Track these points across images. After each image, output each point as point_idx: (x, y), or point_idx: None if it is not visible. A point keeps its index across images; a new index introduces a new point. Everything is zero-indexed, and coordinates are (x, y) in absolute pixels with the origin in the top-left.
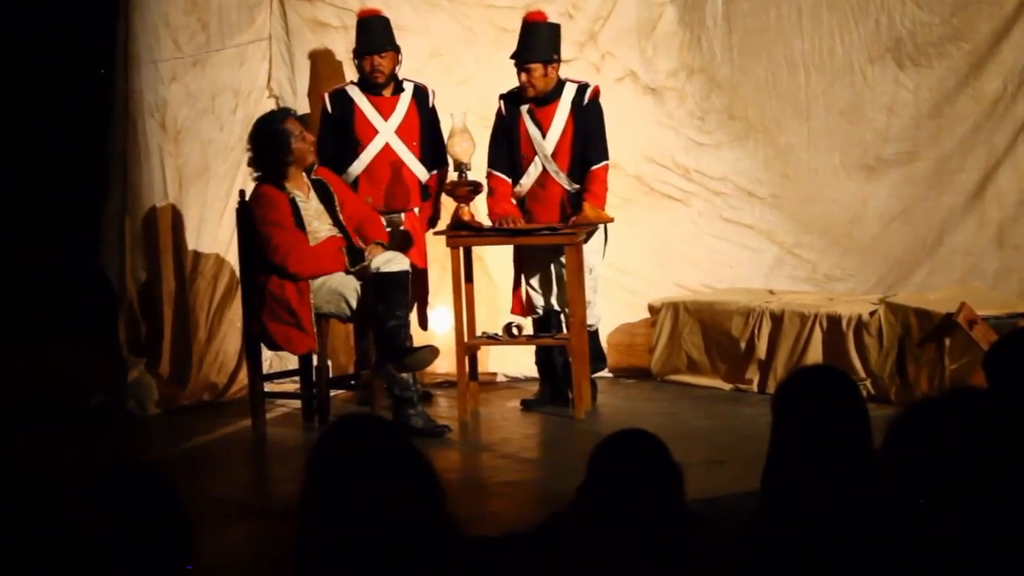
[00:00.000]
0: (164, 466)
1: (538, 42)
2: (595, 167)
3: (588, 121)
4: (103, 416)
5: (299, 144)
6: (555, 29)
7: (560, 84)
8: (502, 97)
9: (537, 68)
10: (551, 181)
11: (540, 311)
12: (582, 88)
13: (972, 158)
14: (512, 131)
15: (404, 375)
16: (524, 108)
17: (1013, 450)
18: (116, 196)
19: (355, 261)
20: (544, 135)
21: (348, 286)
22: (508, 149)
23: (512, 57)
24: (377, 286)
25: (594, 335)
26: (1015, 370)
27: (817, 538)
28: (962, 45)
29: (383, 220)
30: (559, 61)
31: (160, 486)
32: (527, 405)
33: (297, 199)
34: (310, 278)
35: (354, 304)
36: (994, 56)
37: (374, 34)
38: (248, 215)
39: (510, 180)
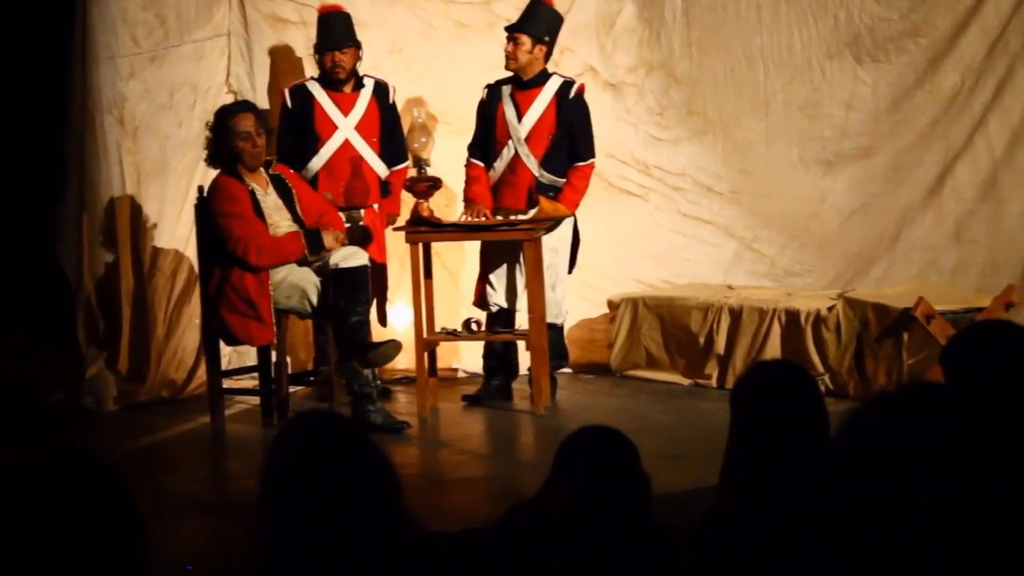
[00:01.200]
0: (122, 462)
1: (536, 18)
2: (581, 164)
3: (574, 118)
4: (61, 412)
5: (239, 144)
6: (558, 17)
7: (546, 73)
8: (487, 86)
9: (525, 41)
10: (521, 165)
11: (493, 308)
12: (568, 83)
13: (930, 153)
14: (490, 115)
15: (364, 371)
16: (506, 90)
17: (969, 444)
18: (74, 192)
19: (313, 246)
20: (520, 118)
21: (309, 281)
22: (484, 135)
23: (506, 28)
24: (337, 282)
25: (558, 332)
26: (972, 365)
27: (776, 533)
28: (920, 41)
29: (342, 216)
30: (549, 47)
31: (110, 481)
32: (470, 401)
33: (256, 192)
34: (271, 267)
35: (315, 300)
36: (952, 52)
37: (335, 30)
38: (207, 208)
39: (484, 166)
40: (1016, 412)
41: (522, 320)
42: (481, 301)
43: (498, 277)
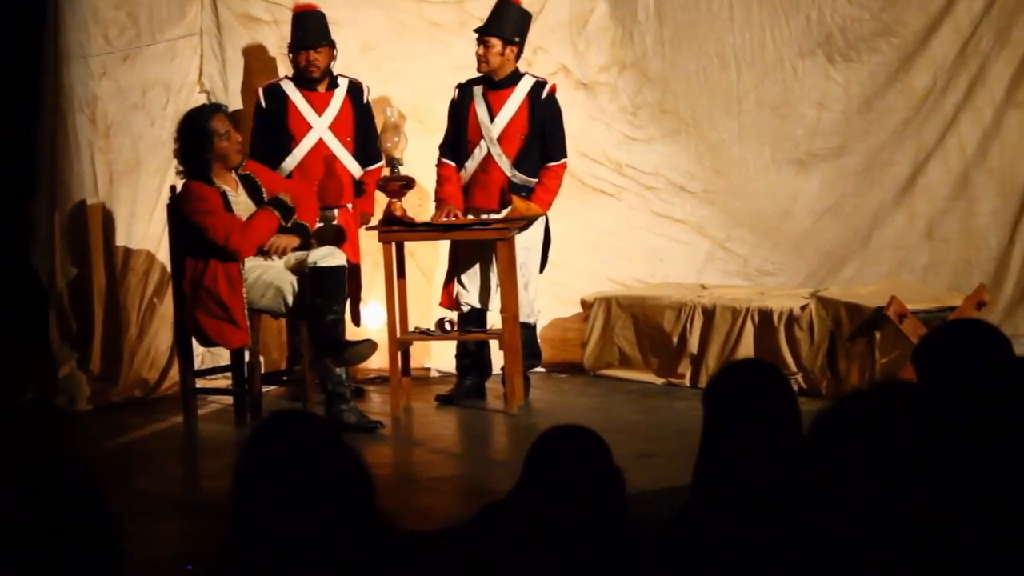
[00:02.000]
0: (95, 462)
1: (505, 19)
2: (553, 164)
3: (546, 118)
4: (34, 412)
5: (223, 143)
6: (526, 15)
7: (518, 73)
8: (458, 86)
9: (496, 44)
10: (493, 165)
11: (465, 307)
12: (540, 83)
13: (901, 152)
14: (462, 115)
15: (338, 371)
16: (478, 90)
17: (941, 443)
18: (45, 192)
19: (284, 213)
20: (493, 118)
21: (285, 280)
22: (456, 134)
23: (476, 30)
24: (315, 280)
25: (531, 331)
26: (944, 364)
27: (748, 531)
28: (892, 40)
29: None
30: (520, 47)
31: (83, 482)
32: (443, 400)
33: (228, 194)
34: (258, 249)
35: (290, 300)
36: (923, 51)
37: (309, 29)
38: (179, 213)
39: (456, 166)
40: (987, 411)
41: (494, 319)
42: (450, 302)
43: (470, 277)
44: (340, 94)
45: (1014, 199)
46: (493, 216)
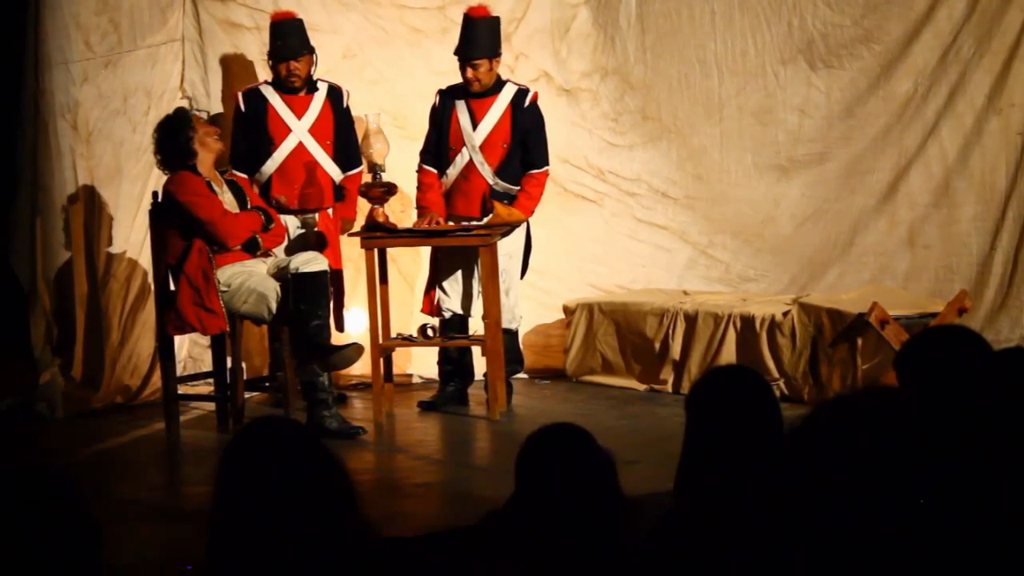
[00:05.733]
0: (76, 469)
1: (483, 37)
2: (536, 171)
3: (528, 126)
4: (13, 419)
5: (200, 144)
6: (497, 23)
7: (500, 81)
8: (440, 92)
9: (483, 64)
10: (475, 173)
11: (447, 314)
12: (523, 91)
13: (883, 159)
14: (443, 122)
15: (321, 377)
16: (461, 100)
17: (922, 448)
18: (27, 197)
19: (266, 219)
20: (475, 126)
21: (269, 288)
22: (437, 141)
23: (456, 53)
24: (297, 286)
25: (513, 337)
26: (926, 369)
27: (730, 537)
28: (873, 47)
29: (296, 221)
30: (500, 55)
31: (65, 489)
32: (426, 406)
33: (212, 186)
34: (242, 239)
35: (274, 306)
36: (905, 58)
37: (289, 38)
38: (169, 199)
39: (437, 173)
40: (968, 416)
41: (476, 325)
42: (432, 309)
43: (452, 283)
44: (319, 98)
45: (995, 205)
46: (475, 223)
